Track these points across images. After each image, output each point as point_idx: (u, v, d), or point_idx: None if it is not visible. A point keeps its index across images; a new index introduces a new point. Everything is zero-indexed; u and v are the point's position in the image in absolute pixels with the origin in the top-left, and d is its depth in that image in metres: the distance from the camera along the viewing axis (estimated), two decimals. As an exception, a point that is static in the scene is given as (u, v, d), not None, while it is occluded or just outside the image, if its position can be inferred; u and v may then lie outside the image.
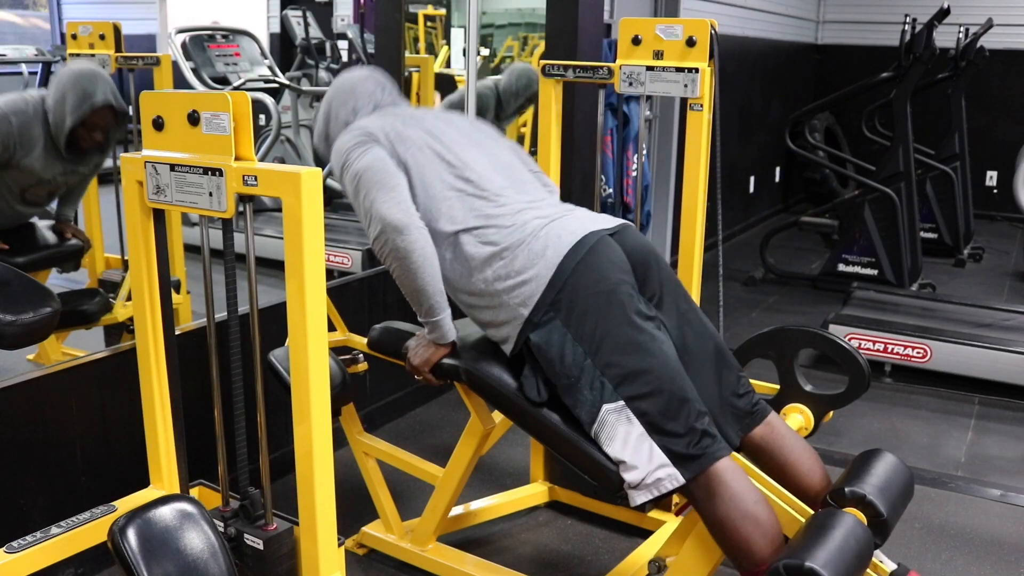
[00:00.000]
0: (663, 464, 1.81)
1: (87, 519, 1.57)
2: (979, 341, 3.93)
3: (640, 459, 1.82)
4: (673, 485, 1.81)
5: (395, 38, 3.32)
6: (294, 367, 1.49)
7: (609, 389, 1.84)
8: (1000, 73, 7.51)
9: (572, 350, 1.87)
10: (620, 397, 1.84)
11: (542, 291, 1.90)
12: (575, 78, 2.62)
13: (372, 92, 2.27)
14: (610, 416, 1.84)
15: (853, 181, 5.79)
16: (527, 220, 1.99)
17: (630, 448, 1.82)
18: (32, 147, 2.72)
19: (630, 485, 1.83)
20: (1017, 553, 2.67)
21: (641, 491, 1.83)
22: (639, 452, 1.82)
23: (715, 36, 2.44)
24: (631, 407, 1.83)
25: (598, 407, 1.84)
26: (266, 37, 5.49)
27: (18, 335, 2.25)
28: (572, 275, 1.89)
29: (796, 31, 7.87)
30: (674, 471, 1.81)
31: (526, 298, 1.91)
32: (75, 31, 3.40)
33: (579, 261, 1.90)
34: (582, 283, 1.89)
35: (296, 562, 1.68)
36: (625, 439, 1.83)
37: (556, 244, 1.93)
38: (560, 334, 1.88)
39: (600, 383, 1.85)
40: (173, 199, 1.53)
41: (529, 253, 1.93)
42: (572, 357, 1.87)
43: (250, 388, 1.65)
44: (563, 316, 1.89)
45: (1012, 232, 7.41)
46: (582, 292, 1.88)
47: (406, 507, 2.70)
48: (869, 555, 1.78)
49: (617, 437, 1.83)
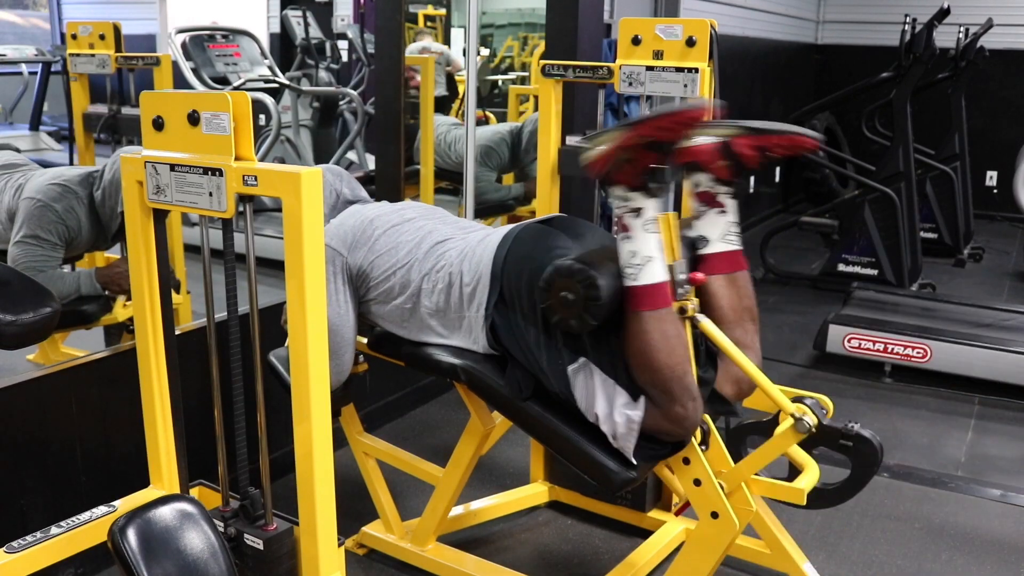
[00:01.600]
0: (625, 402, 1.86)
1: (87, 519, 1.57)
2: (979, 341, 3.93)
3: (603, 404, 1.88)
4: (639, 414, 1.85)
5: (395, 38, 3.32)
6: (294, 367, 1.49)
7: (567, 352, 1.90)
8: (1000, 73, 7.51)
9: (526, 331, 1.94)
10: (578, 355, 1.89)
11: (488, 287, 1.99)
12: (575, 78, 2.62)
13: (331, 183, 2.37)
14: (577, 377, 1.90)
15: (853, 181, 5.79)
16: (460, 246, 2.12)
17: (597, 397, 1.88)
18: (80, 232, 2.74)
19: (612, 437, 1.89)
20: (1017, 553, 2.67)
21: (626, 438, 1.88)
22: (601, 397, 1.88)
23: (715, 36, 2.44)
24: (589, 358, 1.89)
25: (564, 373, 1.90)
26: (266, 37, 5.50)
27: (18, 335, 2.25)
28: (506, 262, 1.99)
29: (796, 31, 7.87)
30: (629, 400, 1.86)
31: (480, 301, 2.01)
32: (75, 31, 3.41)
33: (508, 248, 2.00)
34: (514, 267, 1.98)
35: (296, 562, 1.68)
36: (591, 390, 1.89)
37: (488, 246, 2.05)
38: (512, 320, 1.96)
39: (557, 350, 1.91)
40: (173, 199, 1.53)
41: (471, 264, 2.04)
42: (529, 338, 1.94)
43: (250, 388, 1.65)
44: (510, 302, 1.97)
45: (1012, 232, 7.41)
46: (515, 274, 1.97)
47: (406, 507, 2.70)
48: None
49: (585, 393, 1.89)
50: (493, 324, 1.99)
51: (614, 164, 1.80)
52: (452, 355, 2.08)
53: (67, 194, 2.69)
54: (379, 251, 2.14)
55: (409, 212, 2.26)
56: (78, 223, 2.70)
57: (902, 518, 2.85)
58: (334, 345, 2.12)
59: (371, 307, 2.18)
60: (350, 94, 4.79)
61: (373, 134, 4.11)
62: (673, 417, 1.85)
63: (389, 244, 2.14)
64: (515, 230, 2.07)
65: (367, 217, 2.20)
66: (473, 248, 2.07)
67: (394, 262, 2.12)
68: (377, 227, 2.17)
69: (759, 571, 2.47)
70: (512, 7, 7.02)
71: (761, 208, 7.54)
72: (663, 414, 1.85)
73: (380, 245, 2.14)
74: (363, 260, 2.14)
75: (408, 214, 2.25)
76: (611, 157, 1.79)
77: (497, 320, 1.99)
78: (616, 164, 1.80)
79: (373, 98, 3.89)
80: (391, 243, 2.14)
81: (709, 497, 1.96)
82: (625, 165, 1.79)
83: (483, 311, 2.01)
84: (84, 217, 2.72)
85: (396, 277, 2.11)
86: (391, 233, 2.16)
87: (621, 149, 1.77)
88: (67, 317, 2.60)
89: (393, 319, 2.17)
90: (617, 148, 1.78)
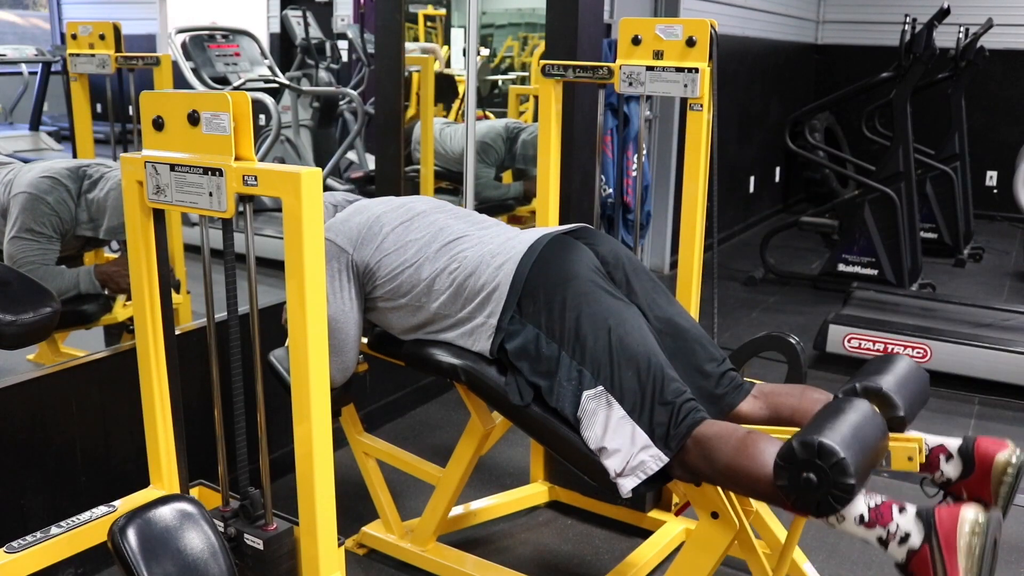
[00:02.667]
0: (646, 445, 1.81)
1: (87, 519, 1.57)
2: (979, 341, 3.93)
3: (622, 442, 1.82)
4: (657, 465, 1.81)
5: (395, 38, 3.32)
6: (294, 367, 1.49)
7: (587, 376, 1.86)
8: (1000, 73, 7.51)
9: (546, 347, 1.90)
10: (599, 382, 1.85)
11: (505, 298, 1.94)
12: (575, 78, 2.62)
13: (327, 200, 2.34)
14: (590, 403, 1.85)
15: (853, 181, 5.80)
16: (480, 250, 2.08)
17: (611, 431, 1.83)
18: (73, 224, 2.75)
19: (615, 473, 1.83)
20: (1017, 553, 2.67)
21: (627, 477, 1.83)
22: (620, 434, 1.82)
23: (715, 36, 2.44)
24: (611, 390, 1.84)
25: (579, 396, 1.86)
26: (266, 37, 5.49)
27: (18, 335, 2.25)
28: (530, 275, 1.94)
29: (796, 31, 7.87)
30: (656, 451, 1.81)
31: (492, 310, 1.96)
32: (75, 31, 3.40)
33: (535, 261, 1.95)
34: (542, 280, 1.93)
35: (296, 562, 1.68)
36: (606, 423, 1.83)
37: (510, 254, 2.00)
38: (532, 334, 1.92)
39: (577, 372, 1.87)
40: (173, 199, 1.53)
41: (489, 269, 2.00)
42: (547, 353, 1.89)
43: (250, 388, 1.65)
44: (531, 316, 1.92)
45: (1012, 232, 7.41)
46: (544, 288, 1.92)
47: (406, 507, 2.70)
48: (884, 442, 1.72)
49: (598, 422, 1.84)
50: (504, 336, 1.95)
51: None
52: (452, 355, 2.07)
53: (58, 186, 2.68)
54: (387, 249, 2.11)
55: (419, 205, 2.22)
56: (71, 215, 2.70)
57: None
58: (339, 342, 2.11)
59: (376, 304, 2.16)
60: (350, 94, 4.79)
61: (373, 134, 4.11)
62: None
63: (397, 242, 2.11)
64: (542, 243, 2.01)
65: (374, 214, 2.17)
66: (494, 253, 2.02)
67: (402, 261, 2.09)
68: (384, 224, 2.14)
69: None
70: (512, 7, 7.02)
71: (761, 208, 7.54)
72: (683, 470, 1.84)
73: (388, 243, 2.11)
74: (370, 258, 2.11)
75: (417, 207, 2.21)
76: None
77: (509, 333, 1.95)
78: None
79: (373, 98, 3.89)
80: (399, 241, 2.11)
81: (709, 497, 1.95)
82: None
83: (495, 320, 1.96)
84: (75, 209, 2.72)
85: (404, 276, 2.08)
86: (399, 231, 2.13)
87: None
88: (67, 317, 2.60)
89: (397, 318, 2.14)
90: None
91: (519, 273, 1.95)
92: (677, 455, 1.81)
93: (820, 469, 1.55)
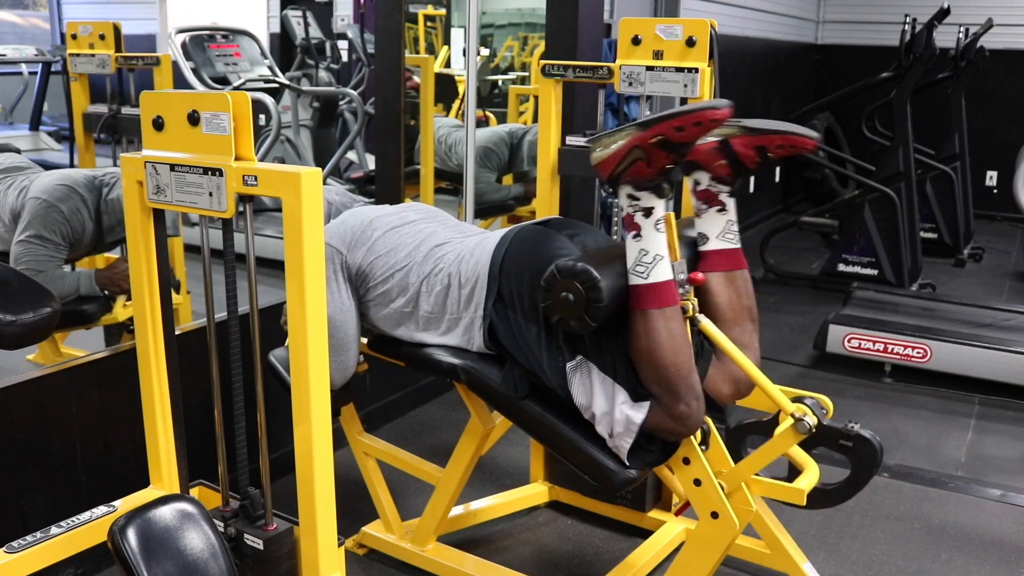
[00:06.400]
0: (625, 400, 1.87)
1: (87, 519, 1.57)
2: (979, 341, 3.93)
3: (605, 401, 1.88)
4: (640, 414, 1.85)
5: (395, 38, 3.32)
6: (294, 367, 1.49)
7: (566, 349, 1.91)
8: (1000, 73, 7.51)
9: (526, 329, 1.95)
10: (577, 352, 1.90)
11: (486, 287, 2.00)
12: (575, 78, 2.62)
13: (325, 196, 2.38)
14: (574, 375, 1.91)
15: (853, 181, 5.79)
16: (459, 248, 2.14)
17: (596, 396, 1.89)
18: (84, 234, 2.74)
19: (609, 435, 1.89)
20: (1017, 553, 2.67)
21: (622, 437, 1.88)
22: (603, 395, 1.88)
23: (715, 36, 2.44)
24: (587, 356, 1.90)
25: (563, 370, 1.91)
26: (266, 37, 5.49)
27: (18, 335, 2.25)
28: (504, 261, 1.99)
29: (796, 31, 7.87)
30: (629, 398, 1.86)
31: (478, 301, 2.01)
32: (75, 31, 3.40)
33: (507, 249, 2.01)
34: (514, 266, 1.98)
35: (296, 562, 1.68)
36: (591, 389, 1.89)
37: (485, 248, 2.05)
38: (511, 320, 1.97)
39: (557, 347, 1.92)
40: (173, 199, 1.53)
41: (468, 266, 2.05)
42: (529, 336, 1.94)
43: (250, 388, 1.65)
44: (509, 302, 1.97)
45: (1012, 232, 7.41)
46: (515, 273, 1.97)
47: (406, 507, 2.70)
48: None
49: (583, 391, 1.90)
50: (491, 324, 2.00)
51: (627, 163, 1.80)
52: (452, 355, 2.08)
53: (73, 195, 2.68)
54: (378, 252, 2.13)
55: (410, 214, 2.26)
56: (82, 225, 2.70)
57: (902, 518, 2.85)
58: (339, 341, 2.12)
59: (369, 308, 2.18)
60: (350, 94, 4.79)
61: (373, 134, 4.10)
62: (677, 415, 1.85)
63: (388, 245, 2.14)
64: (513, 231, 2.08)
65: (368, 217, 2.20)
66: (471, 250, 2.07)
67: (392, 263, 2.12)
68: (377, 228, 2.17)
69: (759, 571, 2.47)
70: (512, 7, 7.01)
71: (761, 208, 7.54)
72: (667, 412, 1.85)
73: (380, 246, 2.14)
74: (362, 260, 2.14)
75: (409, 216, 2.25)
76: (624, 155, 1.79)
77: (495, 320, 1.99)
78: (629, 163, 1.80)
79: (373, 98, 3.89)
80: (390, 244, 2.14)
81: (709, 497, 1.96)
82: (638, 164, 1.79)
83: (481, 311, 2.01)
84: (88, 219, 2.72)
85: (394, 280, 2.11)
86: (391, 235, 2.16)
87: (636, 148, 1.77)
88: (67, 317, 2.59)
89: (391, 322, 2.16)
90: (631, 146, 1.78)
91: (494, 260, 2.01)
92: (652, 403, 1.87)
93: (575, 288, 1.79)
